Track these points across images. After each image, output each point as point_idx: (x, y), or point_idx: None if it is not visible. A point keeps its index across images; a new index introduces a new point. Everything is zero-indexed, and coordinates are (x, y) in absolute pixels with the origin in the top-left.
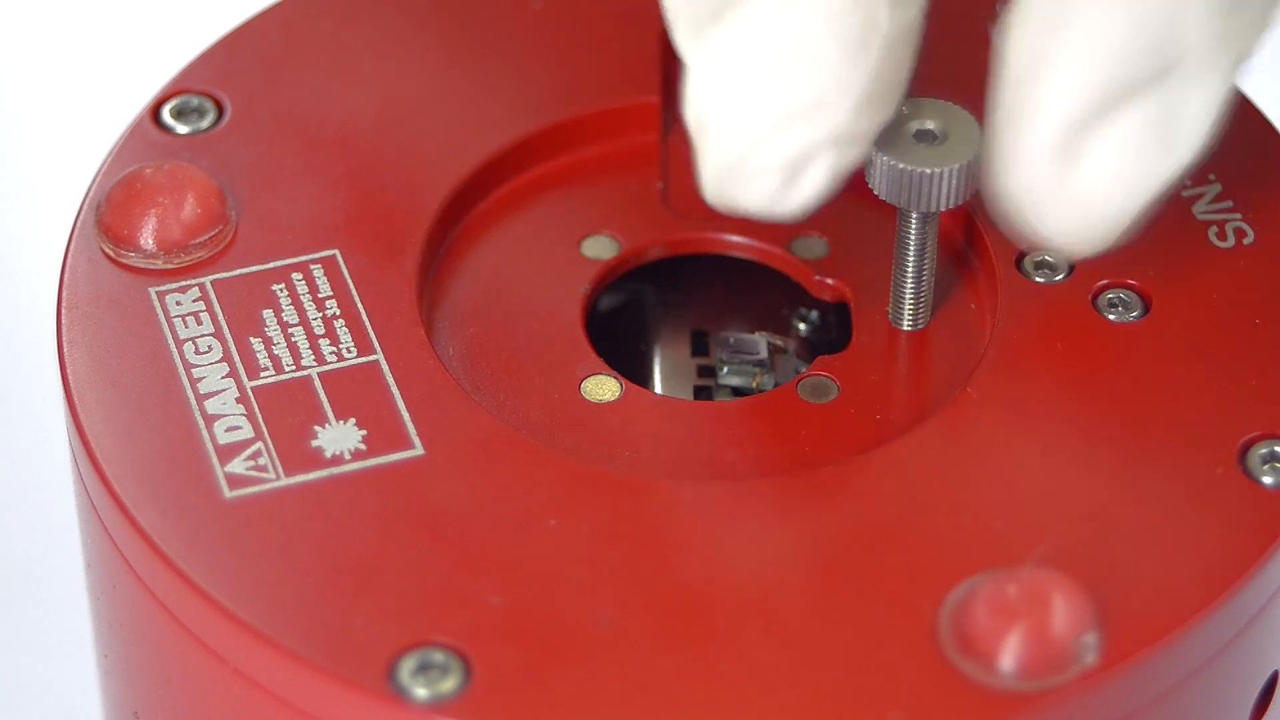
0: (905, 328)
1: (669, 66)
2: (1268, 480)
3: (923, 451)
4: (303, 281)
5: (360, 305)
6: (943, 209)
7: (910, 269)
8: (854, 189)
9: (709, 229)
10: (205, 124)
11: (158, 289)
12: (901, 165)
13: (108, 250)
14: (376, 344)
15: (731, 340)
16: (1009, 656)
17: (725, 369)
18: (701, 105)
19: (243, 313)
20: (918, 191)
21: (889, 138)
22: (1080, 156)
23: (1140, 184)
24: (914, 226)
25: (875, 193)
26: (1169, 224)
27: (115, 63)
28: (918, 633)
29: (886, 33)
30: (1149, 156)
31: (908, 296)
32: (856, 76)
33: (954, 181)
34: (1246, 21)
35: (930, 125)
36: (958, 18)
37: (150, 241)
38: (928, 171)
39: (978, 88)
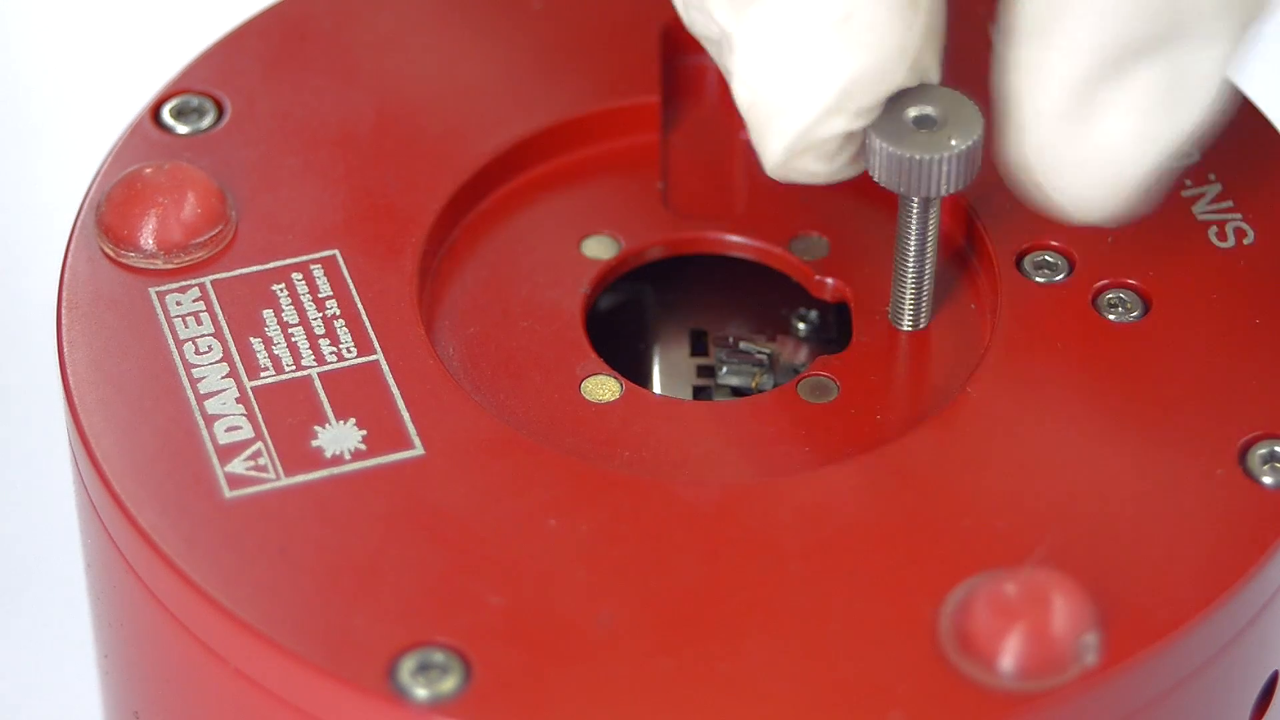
0: (905, 328)
1: (669, 66)
2: (1268, 480)
3: (923, 451)
4: (303, 281)
5: (360, 305)
6: (942, 194)
7: (911, 261)
8: (854, 189)
9: (709, 229)
10: (205, 124)
11: (158, 289)
12: (901, 151)
13: (108, 250)
14: (376, 344)
15: (732, 341)
16: (1009, 656)
17: (725, 369)
18: (756, 82)
19: (243, 313)
20: (917, 177)
21: (888, 124)
22: (1091, 117)
23: (1150, 145)
24: (914, 214)
25: (875, 179)
26: (1169, 224)
27: (115, 63)
28: (918, 633)
29: None
30: (1158, 117)
31: (908, 292)
32: (911, 38)
33: (953, 166)
34: None
35: (930, 111)
36: (957, 13)
37: (150, 241)
38: (927, 157)
39: (975, 76)
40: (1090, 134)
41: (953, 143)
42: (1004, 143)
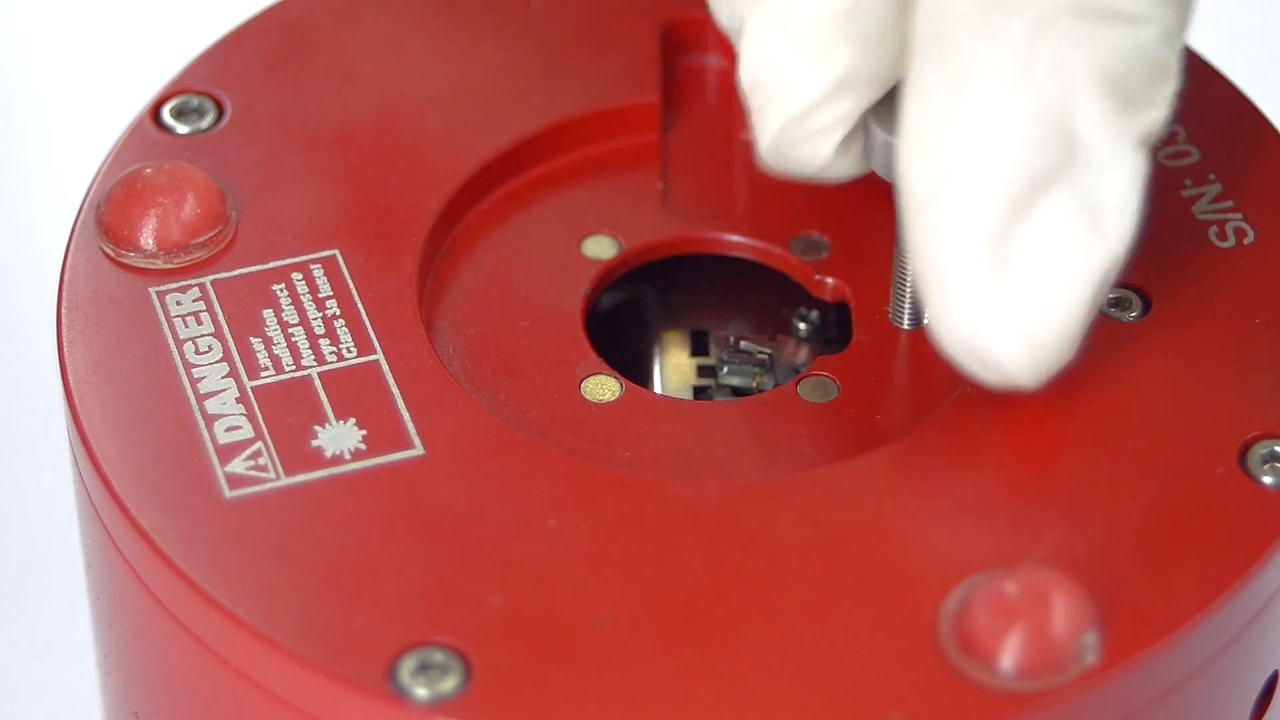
0: (905, 327)
1: (669, 66)
2: (1268, 480)
3: (923, 451)
4: (303, 281)
5: (360, 305)
6: None
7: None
8: (855, 189)
9: (709, 229)
10: (205, 124)
11: (158, 289)
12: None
13: (108, 250)
14: (376, 344)
15: (732, 341)
16: (1009, 656)
17: (725, 369)
18: (759, 66)
19: (243, 313)
20: None
21: (888, 115)
22: (1011, 262)
23: (1080, 279)
24: None
25: (876, 171)
26: (1169, 224)
27: (115, 63)
28: (918, 633)
29: None
30: (1080, 247)
31: (908, 292)
32: (899, 35)
33: None
34: (1141, 90)
35: None
36: None
37: (150, 241)
38: None
39: None
40: (1015, 281)
41: None
42: (933, 319)
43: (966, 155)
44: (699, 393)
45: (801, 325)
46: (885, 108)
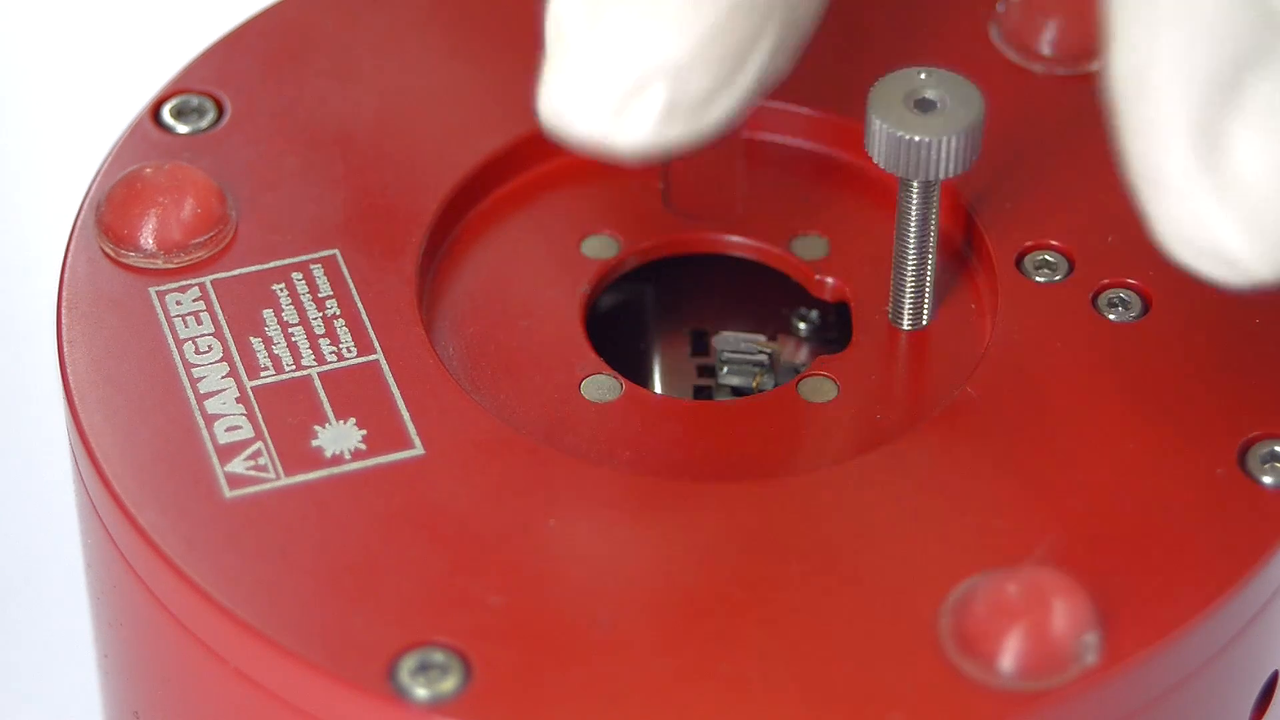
0: (905, 327)
1: None
2: (1268, 480)
3: (923, 451)
4: (303, 281)
5: (360, 305)
6: (942, 177)
7: (911, 252)
8: (854, 189)
9: (709, 229)
10: (205, 124)
11: (158, 289)
12: (900, 133)
13: (108, 250)
14: (376, 344)
15: (733, 341)
16: (1009, 656)
17: (725, 369)
18: (554, 13)
19: (243, 312)
20: (917, 159)
21: (888, 106)
22: (1226, 153)
23: None
24: (914, 201)
25: (875, 161)
26: None
27: (115, 63)
28: (918, 633)
29: None
30: None
31: (908, 290)
32: (697, 21)
33: (953, 148)
34: None
35: (929, 94)
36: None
37: (150, 241)
38: (927, 139)
39: (970, 58)
40: (1233, 174)
41: (952, 124)
42: (1154, 222)
43: (1166, 48)
44: (699, 393)
45: (801, 325)
46: (885, 99)
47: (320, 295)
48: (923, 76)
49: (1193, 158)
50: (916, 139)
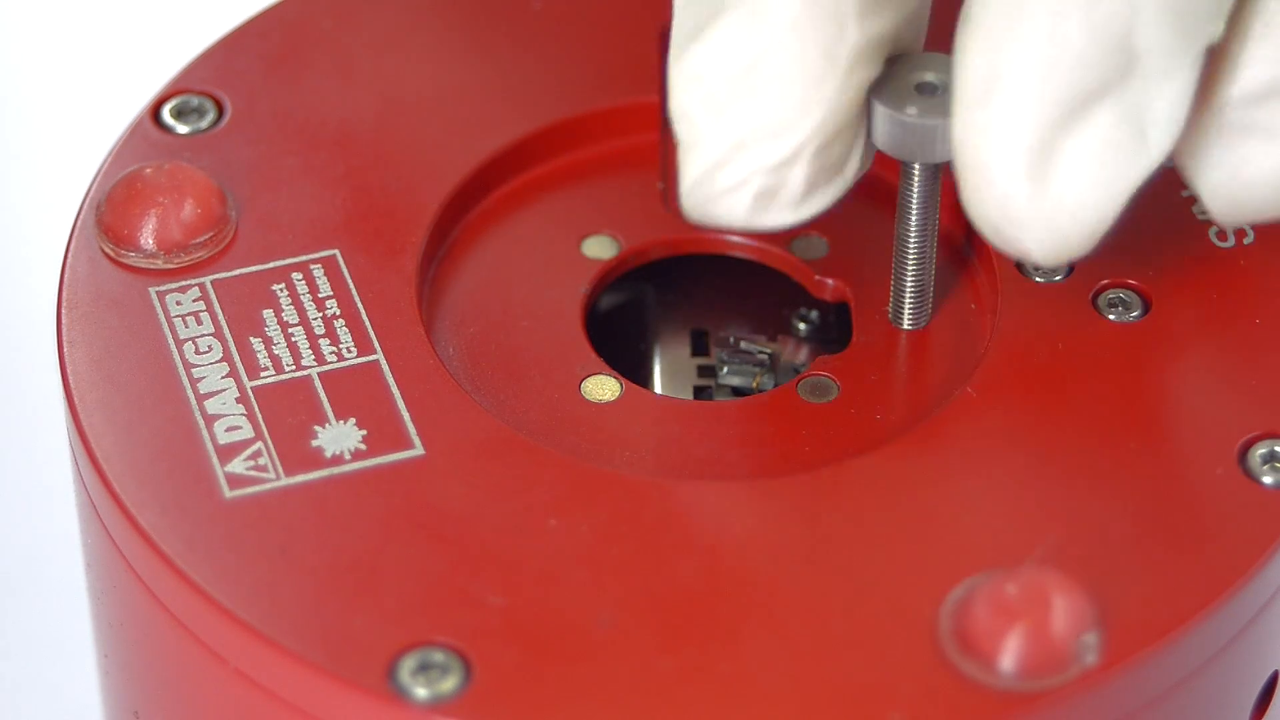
0: (905, 327)
1: (669, 66)
2: (1268, 480)
3: (923, 451)
4: (303, 281)
5: (360, 305)
6: (943, 160)
7: (911, 244)
8: (854, 189)
9: (709, 229)
10: (205, 124)
11: (158, 289)
12: (903, 117)
13: (108, 250)
14: (376, 344)
15: (733, 341)
16: (1009, 656)
17: (725, 369)
18: (677, 121)
19: (243, 313)
20: (919, 142)
21: (891, 90)
22: (1052, 168)
23: (1117, 186)
24: (916, 187)
25: (876, 145)
26: (1169, 224)
27: (115, 63)
28: (918, 633)
29: (855, 44)
30: (1122, 158)
31: (908, 286)
32: (822, 94)
33: None
34: (1205, 10)
35: (931, 78)
36: None
37: (150, 241)
38: (929, 122)
39: None
40: (1054, 184)
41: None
42: (964, 198)
43: (1024, 64)
44: (699, 393)
45: (801, 325)
46: (888, 83)
47: (320, 295)
48: (925, 61)
49: (1022, 165)
50: (919, 122)
